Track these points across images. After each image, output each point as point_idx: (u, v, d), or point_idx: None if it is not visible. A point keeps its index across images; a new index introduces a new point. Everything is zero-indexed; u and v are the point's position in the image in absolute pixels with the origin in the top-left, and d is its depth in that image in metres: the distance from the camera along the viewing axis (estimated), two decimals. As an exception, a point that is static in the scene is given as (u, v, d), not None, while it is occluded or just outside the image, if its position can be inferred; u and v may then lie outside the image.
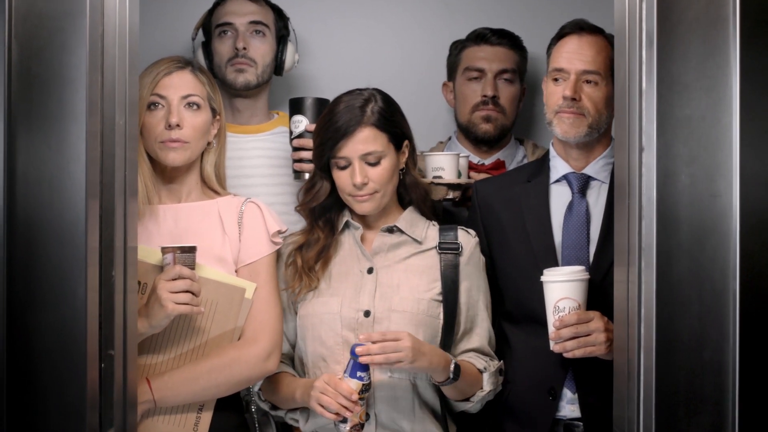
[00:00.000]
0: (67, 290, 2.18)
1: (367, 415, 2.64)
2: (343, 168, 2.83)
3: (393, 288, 2.84)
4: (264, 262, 2.84)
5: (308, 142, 3.04)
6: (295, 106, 3.13)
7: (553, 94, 2.87)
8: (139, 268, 2.52)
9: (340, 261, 2.92)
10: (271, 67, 3.38)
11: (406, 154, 2.92)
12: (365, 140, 2.82)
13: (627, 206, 2.29)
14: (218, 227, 2.82)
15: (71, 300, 2.18)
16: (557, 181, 2.97)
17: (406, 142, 2.92)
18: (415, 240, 2.89)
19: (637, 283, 2.27)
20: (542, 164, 3.03)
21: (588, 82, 2.85)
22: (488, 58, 3.54)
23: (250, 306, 2.77)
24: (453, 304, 2.84)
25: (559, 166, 2.98)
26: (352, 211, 2.93)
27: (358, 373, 2.64)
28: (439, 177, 3.18)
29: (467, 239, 2.91)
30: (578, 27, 2.88)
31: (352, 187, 2.82)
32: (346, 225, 2.93)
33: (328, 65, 3.64)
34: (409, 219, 2.92)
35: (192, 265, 2.63)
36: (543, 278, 2.72)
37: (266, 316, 2.79)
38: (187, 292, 2.60)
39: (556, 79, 2.87)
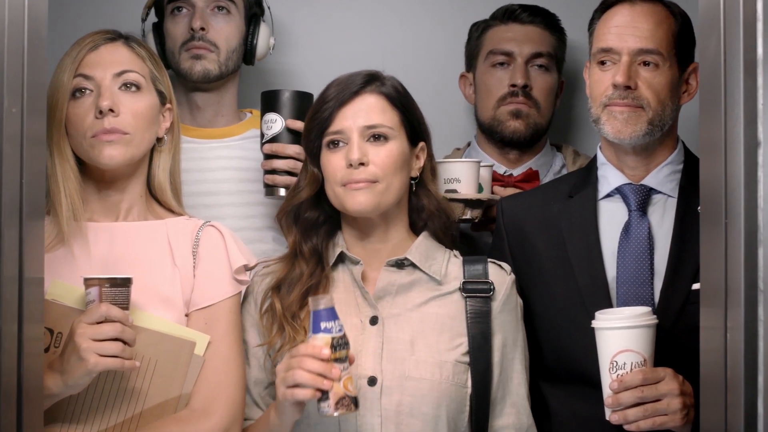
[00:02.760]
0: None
1: (356, 401, 2.19)
2: (336, 147, 2.42)
3: (405, 346, 2.40)
4: (224, 306, 2.43)
5: (284, 147, 2.70)
6: (269, 102, 2.78)
7: (600, 82, 2.53)
8: (52, 312, 2.27)
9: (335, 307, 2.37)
10: (238, 54, 3.00)
11: (422, 160, 2.50)
12: (369, 109, 2.42)
13: (724, 227, 1.91)
14: (166, 256, 2.43)
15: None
16: (609, 195, 2.60)
17: (422, 144, 2.50)
18: (433, 278, 2.45)
19: (742, 330, 1.87)
20: (588, 175, 2.65)
21: (646, 64, 2.51)
22: (518, 39, 3.14)
23: (201, 365, 2.36)
24: (485, 367, 2.42)
25: (610, 177, 2.60)
26: (348, 240, 2.49)
27: (323, 325, 2.21)
28: (454, 191, 2.73)
29: (501, 277, 2.48)
30: None
31: (345, 170, 2.39)
32: (340, 257, 2.47)
33: (314, 57, 3.26)
34: (423, 249, 2.47)
35: (125, 304, 2.24)
36: (595, 324, 2.36)
37: (223, 379, 2.37)
38: (116, 340, 2.20)
39: (602, 63, 2.52)
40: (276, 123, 2.74)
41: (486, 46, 3.15)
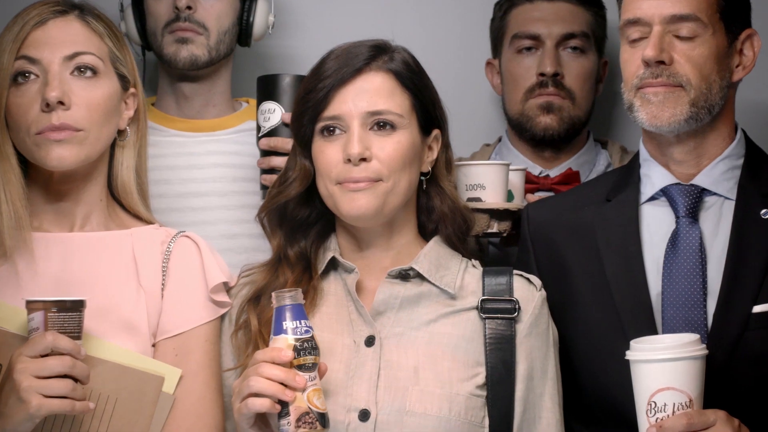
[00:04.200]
0: None
1: (323, 419, 2.02)
2: (332, 134, 2.17)
3: (408, 373, 2.16)
4: (199, 334, 2.21)
5: (284, 142, 2.48)
6: (266, 89, 2.56)
7: (630, 61, 2.32)
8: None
9: (321, 323, 2.20)
10: (231, 35, 2.80)
11: (435, 151, 2.25)
12: (374, 91, 2.17)
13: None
14: (130, 274, 2.22)
15: None
16: (653, 198, 2.37)
17: (436, 132, 2.25)
18: (444, 291, 2.21)
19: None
20: (629, 174, 2.44)
21: (681, 37, 2.28)
22: (546, 18, 2.90)
23: (171, 405, 2.15)
24: (506, 403, 2.19)
25: (654, 175, 2.38)
26: (342, 244, 2.26)
27: (285, 324, 2.02)
28: (477, 199, 2.50)
29: (529, 293, 2.24)
30: None
31: (342, 165, 2.15)
32: (332, 264, 2.23)
33: (320, 39, 2.84)
34: (434, 256, 2.22)
35: (76, 333, 2.03)
36: (630, 356, 2.13)
37: (197, 423, 2.17)
38: (65, 377, 1.98)
39: (632, 39, 2.31)
40: (274, 113, 2.54)
41: (510, 29, 2.93)
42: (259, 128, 2.56)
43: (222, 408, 2.19)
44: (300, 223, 2.25)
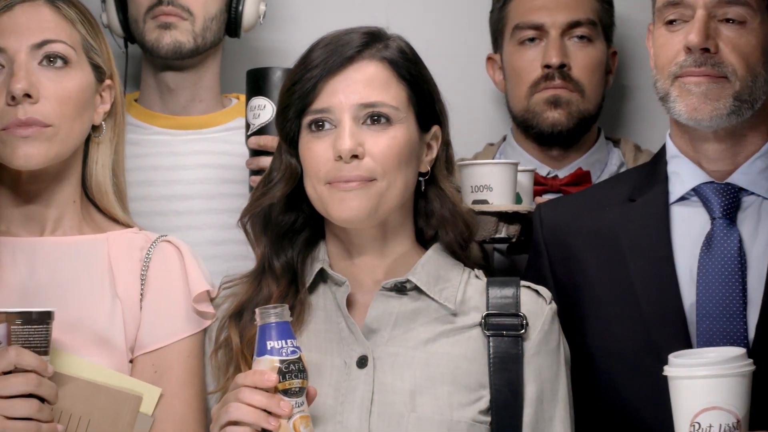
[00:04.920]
0: None
1: None
2: (321, 129, 2.04)
3: (404, 398, 2.03)
4: (180, 349, 2.10)
5: (275, 140, 2.36)
6: (256, 83, 2.47)
7: (667, 46, 2.20)
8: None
9: (309, 341, 2.07)
10: (219, 23, 2.71)
11: (435, 150, 2.12)
12: (367, 81, 2.03)
13: None
14: (105, 283, 2.11)
15: None
16: (683, 198, 2.24)
17: (435, 128, 2.11)
18: (444, 306, 2.07)
19: None
20: (654, 171, 2.31)
21: (729, 21, 2.16)
22: (549, 7, 2.80)
23: (150, 427, 2.04)
24: (513, 429, 2.06)
25: (684, 173, 2.25)
26: (332, 253, 2.12)
27: (270, 344, 1.89)
28: (484, 201, 2.40)
29: (537, 306, 2.10)
30: None
31: (332, 164, 2.02)
32: (321, 275, 2.09)
33: (316, 32, 2.61)
34: (433, 267, 2.09)
35: (43, 347, 1.92)
36: (669, 372, 1.98)
37: None
38: (30, 396, 1.87)
39: (670, 21, 2.18)
40: (265, 110, 2.43)
41: (511, 20, 2.83)
42: (248, 126, 2.47)
43: (205, 429, 2.06)
44: (286, 230, 2.13)
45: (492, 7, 2.87)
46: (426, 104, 2.09)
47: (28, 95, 2.03)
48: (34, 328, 1.91)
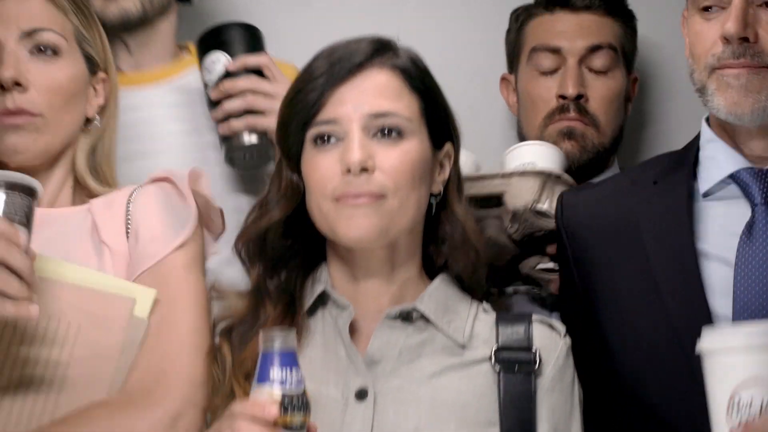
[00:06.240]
0: None
1: None
2: (327, 143, 1.88)
3: None
4: (175, 261, 1.97)
5: (234, 83, 2.38)
6: (208, 42, 2.43)
7: (703, 35, 2.02)
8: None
9: (304, 369, 1.84)
10: None
11: (447, 170, 1.96)
12: (378, 90, 1.88)
13: None
14: (89, 239, 2.01)
15: None
16: (717, 188, 2.07)
17: (448, 146, 1.96)
18: (453, 339, 1.93)
19: None
20: (683, 156, 2.14)
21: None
22: (568, 30, 2.67)
23: (144, 333, 1.91)
24: None
25: (721, 157, 2.07)
26: (335, 275, 1.97)
27: (273, 373, 1.72)
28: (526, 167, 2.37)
29: (551, 341, 1.96)
30: None
31: (340, 178, 1.85)
32: (321, 299, 1.94)
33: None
34: (441, 297, 1.95)
35: (18, 218, 1.75)
36: (703, 346, 1.80)
37: (174, 349, 1.92)
38: (9, 271, 1.71)
39: (706, 8, 2.01)
40: (219, 61, 2.38)
41: (528, 42, 2.71)
42: (205, 85, 2.40)
43: (206, 336, 1.93)
44: (282, 252, 1.98)
45: (509, 26, 2.78)
46: (439, 118, 1.96)
47: (17, 83, 1.97)
48: (13, 195, 1.75)
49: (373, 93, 1.86)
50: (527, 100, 2.69)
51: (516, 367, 1.89)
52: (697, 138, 2.11)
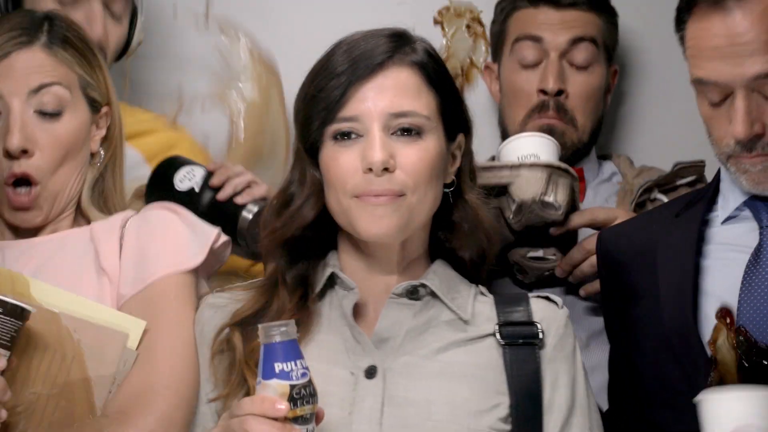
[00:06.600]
0: None
1: None
2: (347, 140, 1.86)
3: (418, 409, 1.85)
4: (164, 285, 1.95)
5: (226, 169, 2.33)
6: (171, 166, 2.35)
7: (715, 122, 1.94)
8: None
9: (314, 352, 1.86)
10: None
11: (458, 160, 1.95)
12: (399, 89, 1.85)
13: None
14: (90, 264, 1.99)
15: None
16: (732, 217, 2.02)
17: (460, 138, 1.95)
18: (457, 315, 1.91)
19: None
20: (706, 189, 2.09)
21: None
22: (551, 22, 2.63)
23: (133, 362, 1.90)
24: None
25: (738, 189, 2.01)
26: (344, 260, 1.95)
27: (278, 366, 1.65)
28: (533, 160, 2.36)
29: (550, 312, 1.95)
30: None
31: (361, 176, 1.83)
32: (330, 282, 1.92)
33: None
34: (444, 276, 1.94)
35: (4, 341, 1.74)
36: (700, 397, 1.77)
37: (155, 373, 1.88)
38: None
39: (715, 104, 1.94)
40: (197, 170, 2.30)
41: (511, 33, 2.67)
42: (190, 194, 2.30)
43: (190, 358, 1.90)
44: (303, 244, 1.95)
45: (494, 17, 2.75)
46: (454, 112, 1.93)
47: (23, 151, 1.96)
48: (5, 318, 1.74)
49: (394, 92, 1.84)
50: (509, 92, 2.66)
51: (521, 341, 1.89)
52: (718, 174, 2.06)
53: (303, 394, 1.65)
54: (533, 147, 2.34)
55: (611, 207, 2.52)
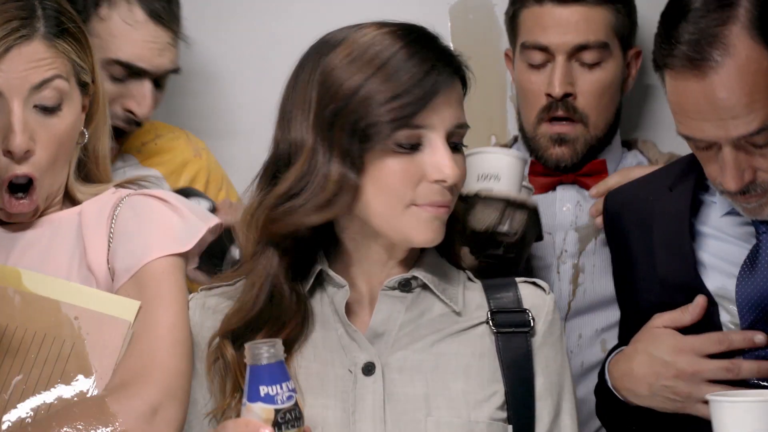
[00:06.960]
0: None
1: None
2: (413, 149, 1.83)
3: (418, 403, 1.86)
4: (156, 269, 1.91)
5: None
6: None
7: (708, 168, 1.98)
8: None
9: (308, 352, 1.90)
10: None
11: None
12: (458, 102, 1.87)
13: None
14: (76, 259, 1.96)
15: None
16: (729, 213, 2.08)
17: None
18: (449, 307, 1.92)
19: None
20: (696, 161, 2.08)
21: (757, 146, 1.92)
22: (557, 25, 2.54)
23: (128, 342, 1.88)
24: (529, 423, 1.91)
25: None
26: (336, 257, 1.94)
27: (263, 390, 1.65)
28: (489, 190, 2.26)
29: (539, 299, 1.97)
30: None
31: (425, 186, 1.83)
32: (319, 279, 1.91)
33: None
34: (434, 265, 1.94)
35: None
36: (711, 397, 1.82)
37: (152, 345, 1.85)
38: None
39: (702, 148, 1.97)
40: (201, 205, 2.28)
41: (520, 35, 2.62)
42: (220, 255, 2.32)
43: (185, 334, 1.87)
44: (299, 243, 1.92)
45: (507, 8, 2.69)
46: None
47: (28, 151, 1.91)
48: None
49: (457, 105, 1.84)
50: (521, 93, 2.63)
51: (513, 329, 1.90)
52: None
53: (288, 419, 1.65)
54: (495, 166, 2.27)
55: (645, 166, 2.51)
